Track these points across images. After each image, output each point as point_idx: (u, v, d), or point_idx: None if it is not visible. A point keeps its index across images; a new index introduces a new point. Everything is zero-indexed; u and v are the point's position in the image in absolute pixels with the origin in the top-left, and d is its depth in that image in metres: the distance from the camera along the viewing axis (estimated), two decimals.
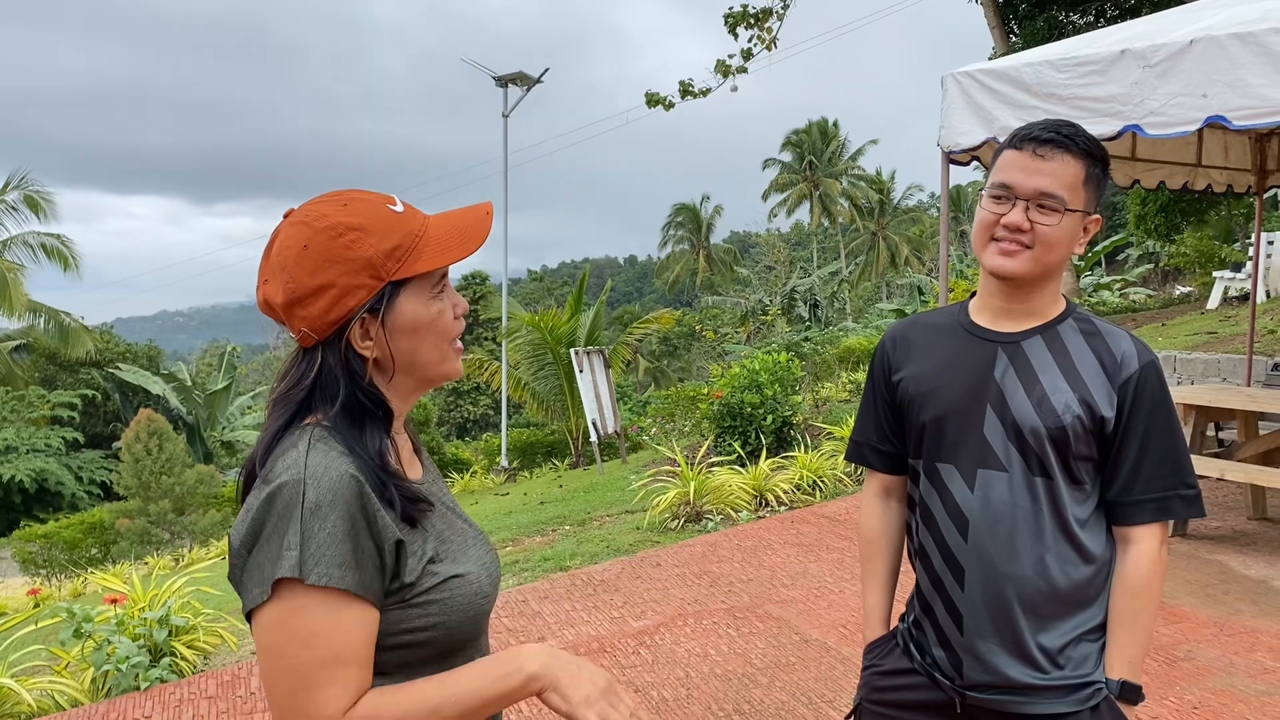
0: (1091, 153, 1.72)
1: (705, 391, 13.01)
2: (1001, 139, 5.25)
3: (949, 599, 1.78)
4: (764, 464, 8.09)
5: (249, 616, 1.18)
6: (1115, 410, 1.71)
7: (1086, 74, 4.86)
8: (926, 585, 1.84)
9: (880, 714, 1.92)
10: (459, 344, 1.37)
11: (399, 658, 1.25)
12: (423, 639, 1.25)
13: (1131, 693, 1.72)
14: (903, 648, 1.92)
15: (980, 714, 1.78)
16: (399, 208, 1.30)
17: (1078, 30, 14.17)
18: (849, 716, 2.02)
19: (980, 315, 1.85)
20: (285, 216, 1.29)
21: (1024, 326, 1.79)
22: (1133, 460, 1.72)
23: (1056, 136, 1.70)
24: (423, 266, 1.26)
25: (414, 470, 1.40)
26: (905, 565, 2.00)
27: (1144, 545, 1.73)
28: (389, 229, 1.26)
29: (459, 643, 1.30)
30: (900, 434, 1.93)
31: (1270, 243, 15.56)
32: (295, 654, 1.14)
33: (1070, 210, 1.69)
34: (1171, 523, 5.94)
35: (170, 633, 4.85)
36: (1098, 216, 1.77)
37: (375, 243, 1.24)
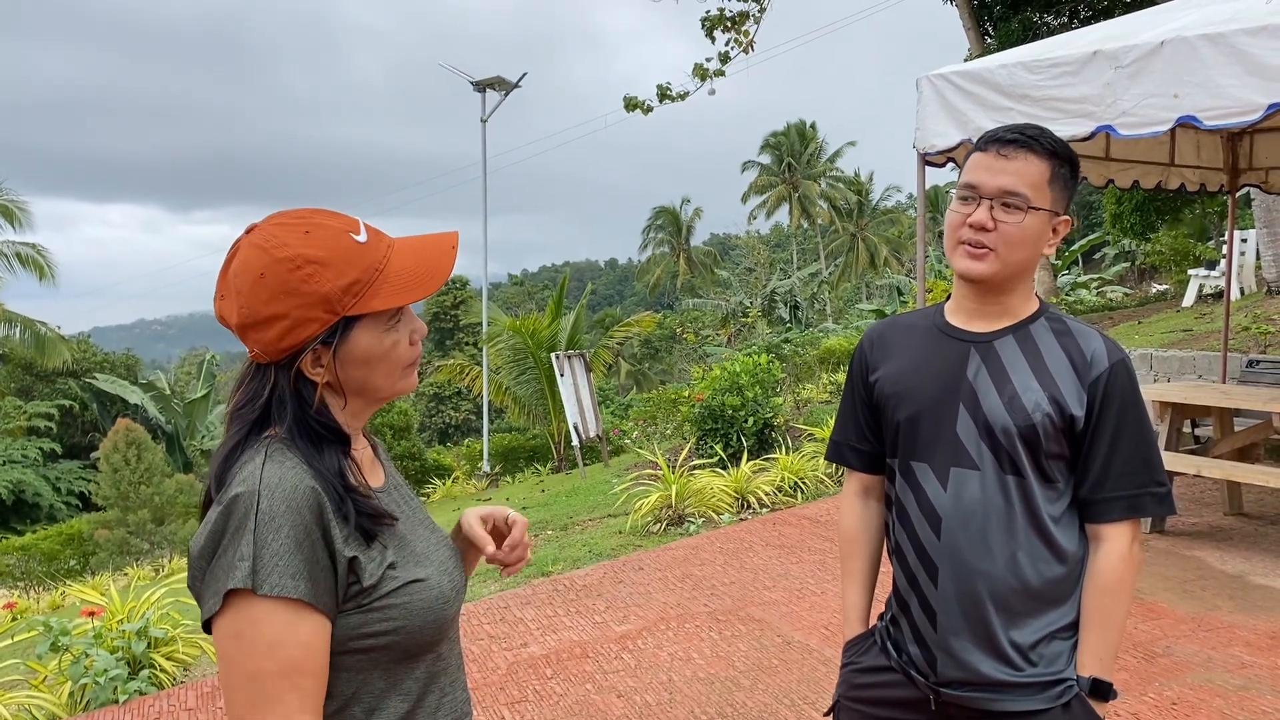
0: (1056, 153, 1.74)
1: (686, 394, 13.02)
2: (976, 140, 5.31)
3: (923, 596, 1.79)
4: (745, 466, 8.09)
5: (207, 628, 1.20)
6: (1085, 409, 1.72)
7: (1059, 75, 4.90)
8: (902, 583, 1.85)
9: (858, 711, 1.94)
10: (415, 363, 1.38)
11: (359, 661, 1.26)
12: (383, 643, 1.27)
13: (1103, 690, 1.74)
14: (880, 645, 1.93)
15: (954, 711, 1.79)
16: (362, 237, 1.28)
17: (1052, 31, 14.28)
18: (828, 714, 2.03)
19: (955, 316, 1.87)
20: (247, 231, 1.28)
21: (996, 326, 1.81)
22: (1103, 458, 1.73)
23: (1020, 137, 1.73)
24: (379, 305, 1.26)
25: (376, 475, 1.41)
26: (885, 564, 2.02)
27: (1115, 543, 1.75)
28: (348, 263, 1.25)
29: (419, 647, 1.31)
30: (878, 433, 1.95)
31: (1244, 240, 15.71)
32: (253, 664, 1.15)
33: (1034, 208, 1.71)
34: (1144, 520, 5.99)
35: (149, 644, 4.81)
36: (1067, 218, 1.78)
37: (332, 278, 1.23)
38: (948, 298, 1.93)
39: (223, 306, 1.27)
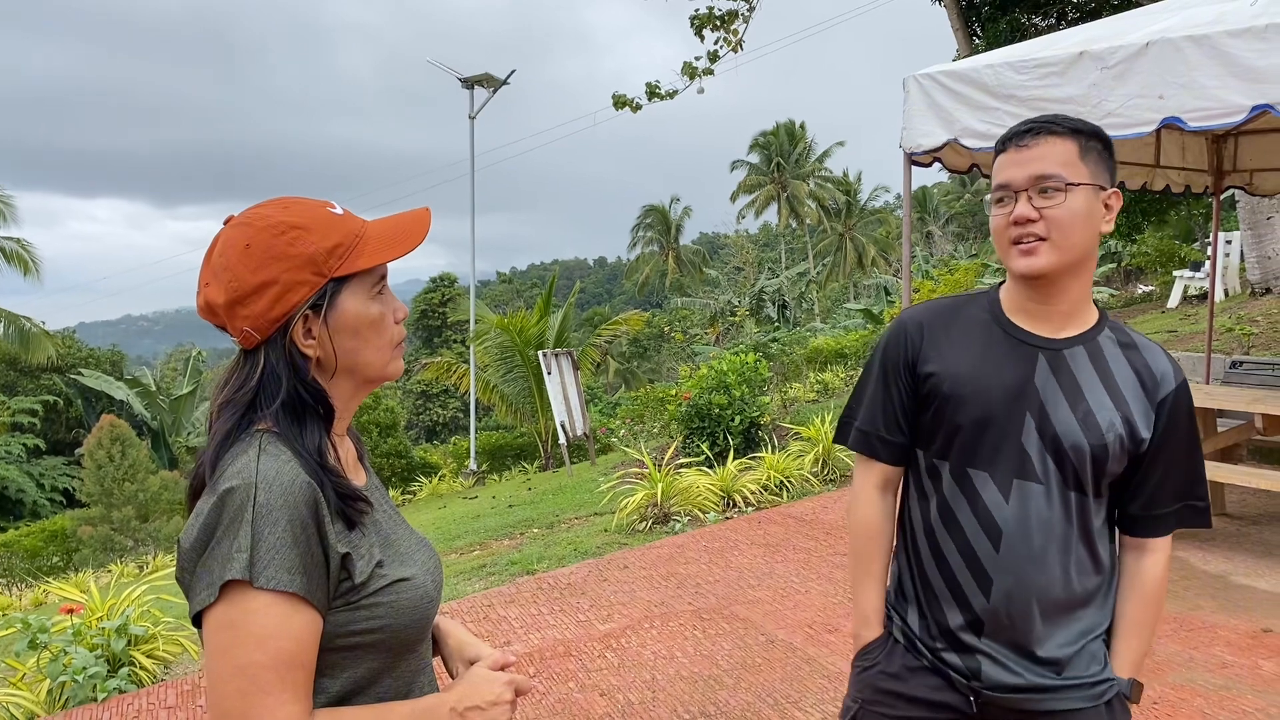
0: (1079, 130, 1.68)
1: (674, 393, 13.02)
2: (963, 140, 5.31)
3: (969, 606, 1.75)
4: (731, 465, 8.10)
5: (196, 620, 1.20)
6: (1151, 429, 1.71)
7: (1045, 76, 4.91)
8: (940, 589, 1.79)
9: (886, 715, 1.88)
10: (402, 345, 1.40)
11: (345, 659, 1.27)
12: (370, 640, 1.28)
13: (1137, 691, 1.79)
14: (906, 646, 1.86)
15: (995, 712, 1.77)
16: (338, 210, 1.33)
17: (1040, 32, 14.32)
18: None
19: (1016, 316, 1.77)
20: (225, 223, 1.31)
21: (1064, 333, 1.74)
22: (1160, 477, 1.74)
23: (1035, 125, 1.69)
24: (365, 263, 1.29)
25: (358, 477, 1.42)
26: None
27: (1160, 555, 1.77)
28: (330, 228, 1.29)
29: (404, 645, 1.33)
30: (914, 427, 1.85)
31: (1228, 242, 15.80)
32: (246, 656, 1.15)
33: (1073, 184, 1.64)
34: None
35: (129, 642, 4.78)
36: (1116, 190, 1.71)
37: (317, 240, 1.27)
38: (997, 286, 1.85)
39: (209, 292, 1.28)
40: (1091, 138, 1.68)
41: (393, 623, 1.29)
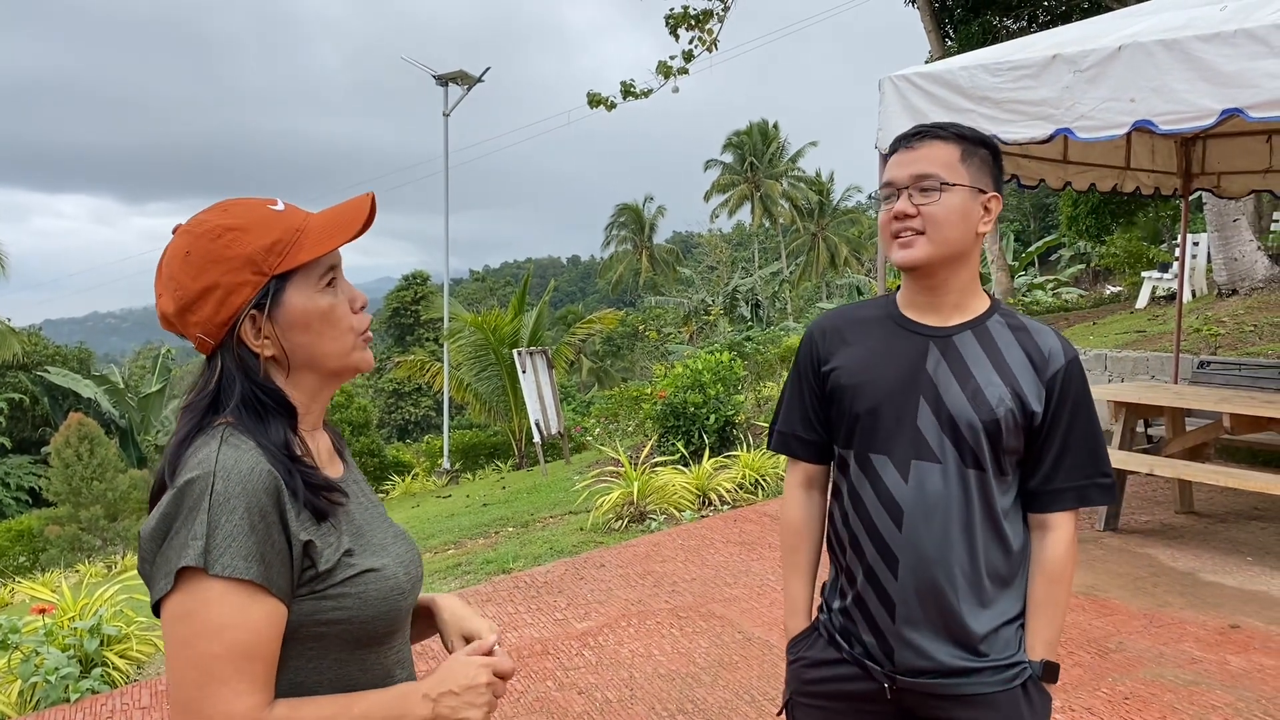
0: (964, 136, 1.80)
1: (648, 391, 13.04)
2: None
3: (881, 587, 1.81)
4: (707, 463, 8.12)
5: (156, 610, 1.19)
6: (1043, 404, 1.77)
7: (1019, 78, 4.96)
8: (857, 574, 1.86)
9: (812, 706, 1.95)
10: (368, 334, 1.39)
11: (311, 649, 1.26)
12: (335, 631, 1.27)
13: (1052, 672, 1.81)
14: (827, 638, 1.94)
15: (910, 698, 1.82)
16: (280, 207, 1.33)
17: (1011, 35, 14.45)
18: (780, 713, 2.04)
19: (909, 309, 1.89)
20: (174, 232, 1.32)
21: (953, 321, 1.84)
22: (1056, 451, 1.79)
23: (923, 129, 1.81)
24: (305, 256, 1.29)
25: (334, 469, 1.41)
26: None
27: (1061, 531, 1.81)
28: (268, 226, 1.29)
29: (371, 637, 1.31)
30: (826, 424, 1.95)
31: (1196, 244, 15.99)
32: (201, 646, 1.14)
33: (949, 184, 1.76)
34: (1099, 518, 6.08)
35: (102, 642, 4.73)
36: (997, 194, 1.82)
37: (254, 239, 1.27)
38: (897, 289, 1.95)
39: (161, 303, 1.29)
40: (977, 145, 1.81)
41: (359, 613, 1.27)
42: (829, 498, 2.01)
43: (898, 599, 1.79)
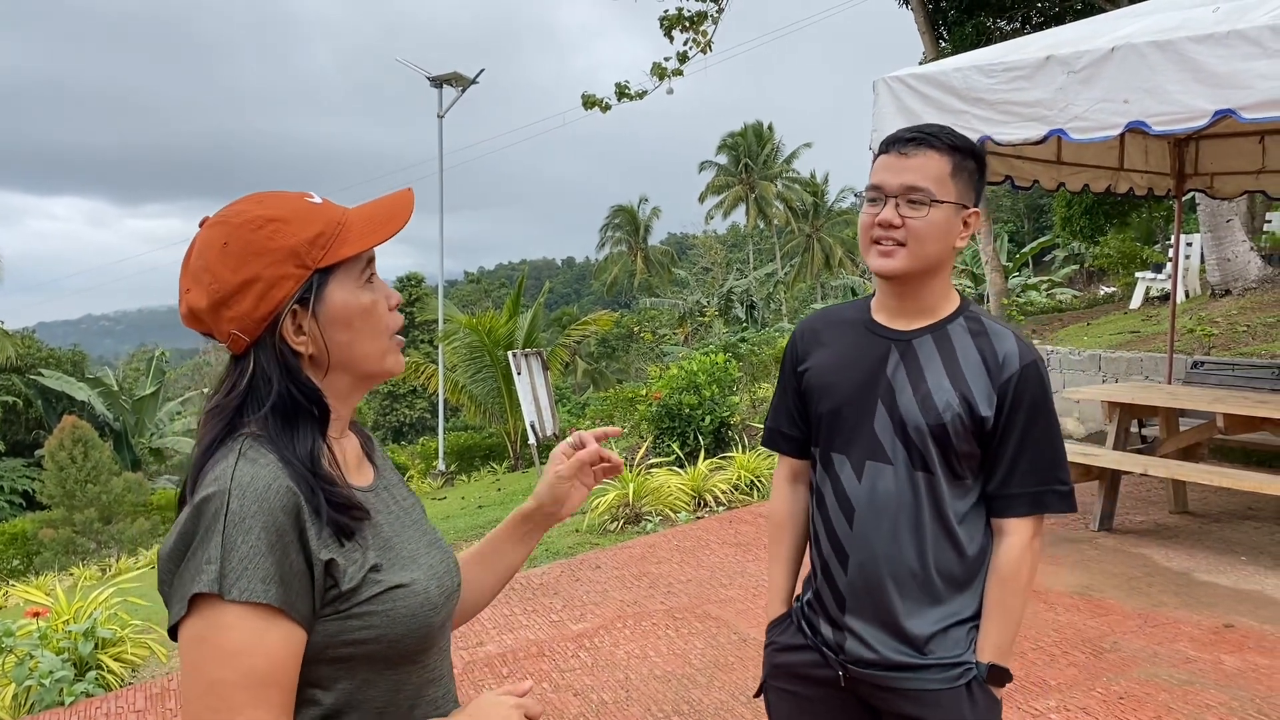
0: (957, 147, 1.79)
1: (644, 393, 13.05)
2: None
3: (833, 580, 1.87)
4: (702, 465, 8.13)
5: (173, 634, 1.14)
6: (994, 409, 1.78)
7: (1013, 79, 4.97)
8: (819, 566, 1.93)
9: (781, 689, 2.01)
10: (399, 338, 1.33)
11: (339, 671, 1.20)
12: (365, 652, 1.20)
13: (999, 675, 1.82)
14: (796, 625, 2.00)
15: (862, 687, 1.87)
16: (317, 200, 1.27)
17: (1005, 36, 14.48)
18: (757, 695, 2.10)
19: (879, 313, 1.92)
20: (201, 224, 1.25)
21: (917, 325, 1.86)
22: (1010, 456, 1.80)
23: (919, 135, 1.79)
24: (349, 250, 1.23)
25: (364, 474, 1.35)
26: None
27: (1016, 537, 1.82)
28: (309, 218, 1.23)
29: (403, 655, 1.24)
30: (806, 421, 2.00)
31: (1189, 244, 16.02)
32: (215, 673, 1.09)
33: (939, 202, 1.76)
34: (1093, 521, 6.09)
35: (96, 645, 4.72)
36: (977, 210, 1.83)
37: (297, 231, 1.21)
38: (874, 292, 1.98)
39: (190, 298, 1.22)
40: (967, 156, 1.81)
41: (388, 632, 1.20)
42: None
43: (846, 593, 1.85)
